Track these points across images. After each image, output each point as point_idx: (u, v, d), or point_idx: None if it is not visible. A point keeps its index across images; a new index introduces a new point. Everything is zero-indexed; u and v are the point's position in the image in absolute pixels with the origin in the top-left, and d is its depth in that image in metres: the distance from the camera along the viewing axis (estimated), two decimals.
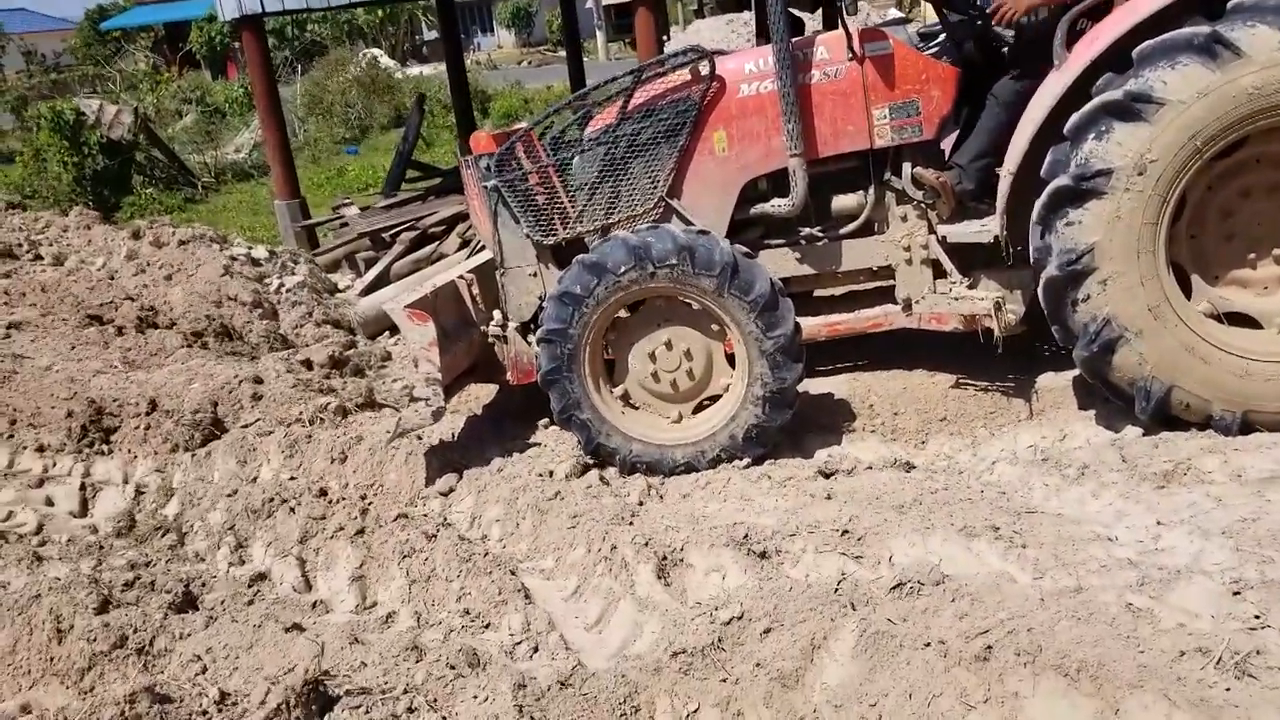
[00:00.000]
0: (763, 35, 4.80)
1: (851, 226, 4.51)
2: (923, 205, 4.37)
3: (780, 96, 4.19)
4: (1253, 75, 3.32)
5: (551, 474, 4.14)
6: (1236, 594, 2.52)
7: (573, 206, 4.49)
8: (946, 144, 4.46)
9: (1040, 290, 3.79)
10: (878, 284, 4.64)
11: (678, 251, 3.97)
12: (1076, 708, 2.19)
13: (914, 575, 2.79)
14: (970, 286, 4.32)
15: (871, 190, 4.45)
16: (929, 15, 30.33)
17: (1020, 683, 2.26)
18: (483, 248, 5.12)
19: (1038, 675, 2.25)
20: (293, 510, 3.95)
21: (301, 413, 4.84)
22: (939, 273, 4.42)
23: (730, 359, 4.20)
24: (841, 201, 4.53)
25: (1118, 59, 3.56)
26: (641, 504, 3.94)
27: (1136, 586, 2.65)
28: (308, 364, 5.64)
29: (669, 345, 4.20)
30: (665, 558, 3.33)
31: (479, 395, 5.27)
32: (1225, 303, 3.76)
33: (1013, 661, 2.29)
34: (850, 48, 4.24)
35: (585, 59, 34.27)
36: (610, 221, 4.46)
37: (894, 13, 24.10)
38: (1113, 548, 2.94)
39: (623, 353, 4.28)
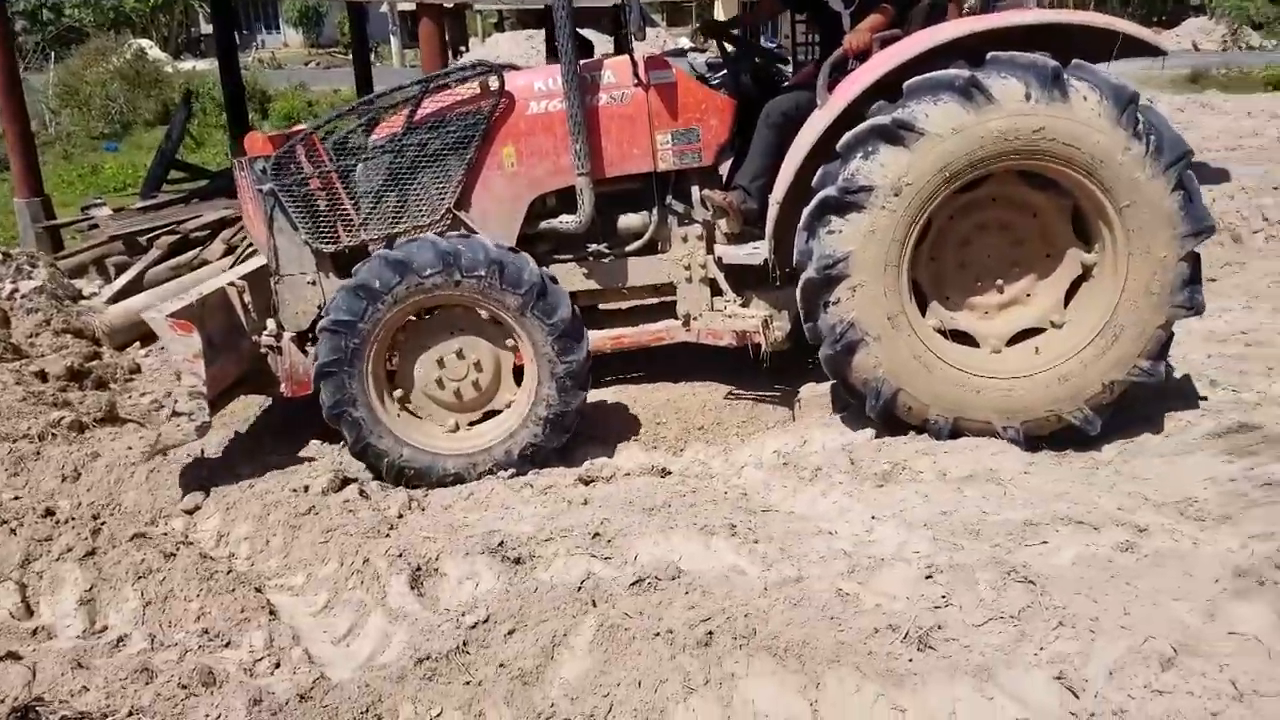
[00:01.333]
0: (553, 55, 4.89)
1: (635, 245, 4.68)
2: (702, 226, 4.62)
3: (568, 116, 4.30)
4: (1000, 120, 3.70)
5: (307, 489, 4.03)
6: (928, 577, 2.83)
7: (356, 214, 4.39)
8: (723, 168, 4.65)
9: (799, 291, 4.04)
10: (659, 300, 4.83)
11: (488, 264, 3.99)
12: (784, 684, 2.40)
13: (652, 571, 2.95)
14: (743, 305, 4.61)
15: (655, 211, 4.63)
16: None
17: (736, 664, 2.45)
18: (253, 253, 4.88)
19: (751, 656, 2.45)
20: (13, 532, 3.64)
21: (30, 428, 4.46)
22: (716, 291, 4.67)
23: (518, 375, 4.25)
24: (626, 221, 4.67)
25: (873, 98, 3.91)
26: (401, 516, 3.91)
27: (847, 574, 2.93)
28: (42, 375, 5.20)
29: (459, 354, 4.21)
30: (420, 568, 3.33)
31: (235, 411, 5.04)
32: (952, 321, 4.15)
33: (730, 645, 2.48)
34: (636, 74, 4.41)
35: (379, 64, 33.32)
36: (395, 230, 4.39)
37: (684, 42, 25.08)
38: (833, 540, 3.22)
39: (408, 356, 4.22)
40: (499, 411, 4.31)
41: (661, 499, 3.64)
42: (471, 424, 4.32)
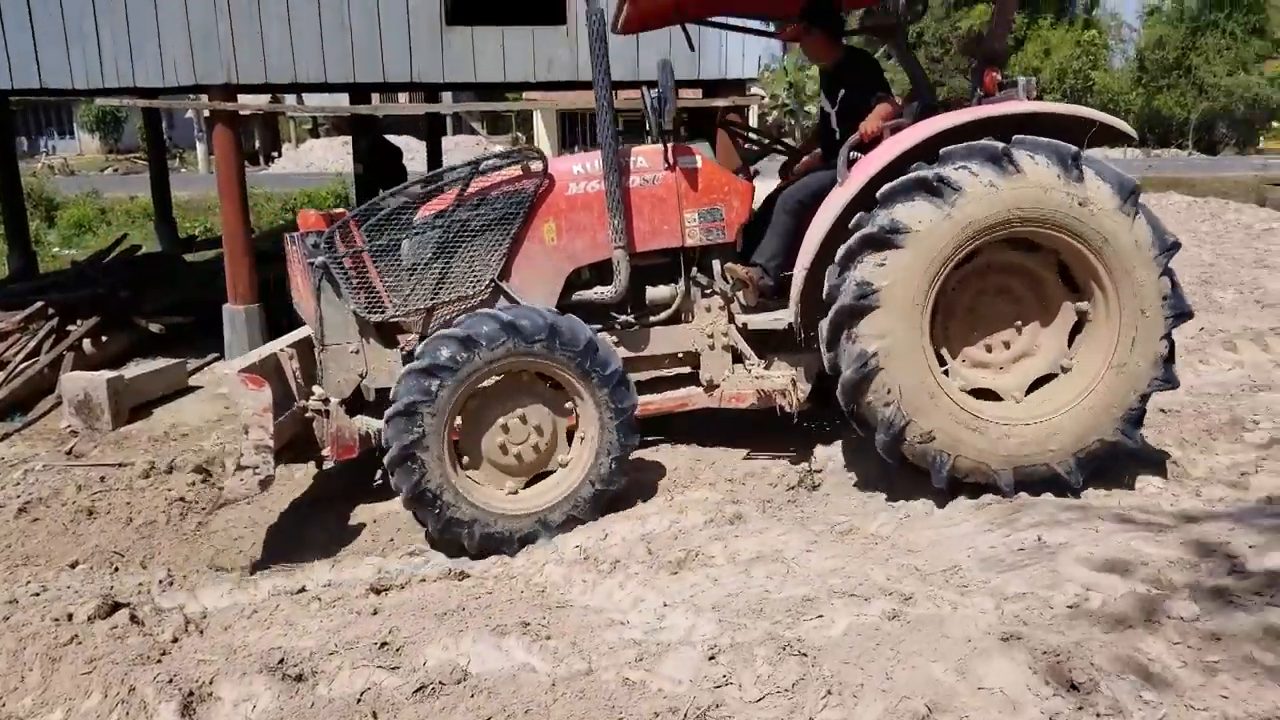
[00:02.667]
0: (358, 159, 5.15)
1: (663, 315, 5.00)
2: (724, 298, 4.97)
3: (607, 195, 4.67)
4: (1024, 190, 4.08)
5: (70, 617, 3.70)
6: (711, 659, 2.89)
7: (405, 285, 4.62)
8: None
9: (826, 322, 4.26)
10: (680, 369, 5.11)
11: (546, 329, 4.27)
12: None
13: (437, 677, 2.87)
14: (766, 369, 4.93)
15: (681, 283, 4.98)
16: (541, 142, 32.18)
17: None
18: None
19: None
20: None
21: None
22: (736, 358, 5.01)
23: (570, 437, 4.50)
24: (655, 293, 4.99)
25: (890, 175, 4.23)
26: (176, 640, 3.65)
27: (635, 662, 2.95)
28: None
29: (523, 419, 4.43)
30: (192, 693, 3.10)
31: None
32: (975, 381, 4.44)
33: None
34: (666, 159, 4.83)
35: (183, 170, 32.21)
36: (441, 299, 4.64)
37: (498, 149, 25.65)
38: (624, 630, 3.25)
39: (469, 427, 4.40)
40: (551, 472, 4.55)
41: (456, 602, 3.58)
42: (526, 485, 4.53)
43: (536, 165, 4.72)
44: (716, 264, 4.97)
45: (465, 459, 4.41)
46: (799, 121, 35.28)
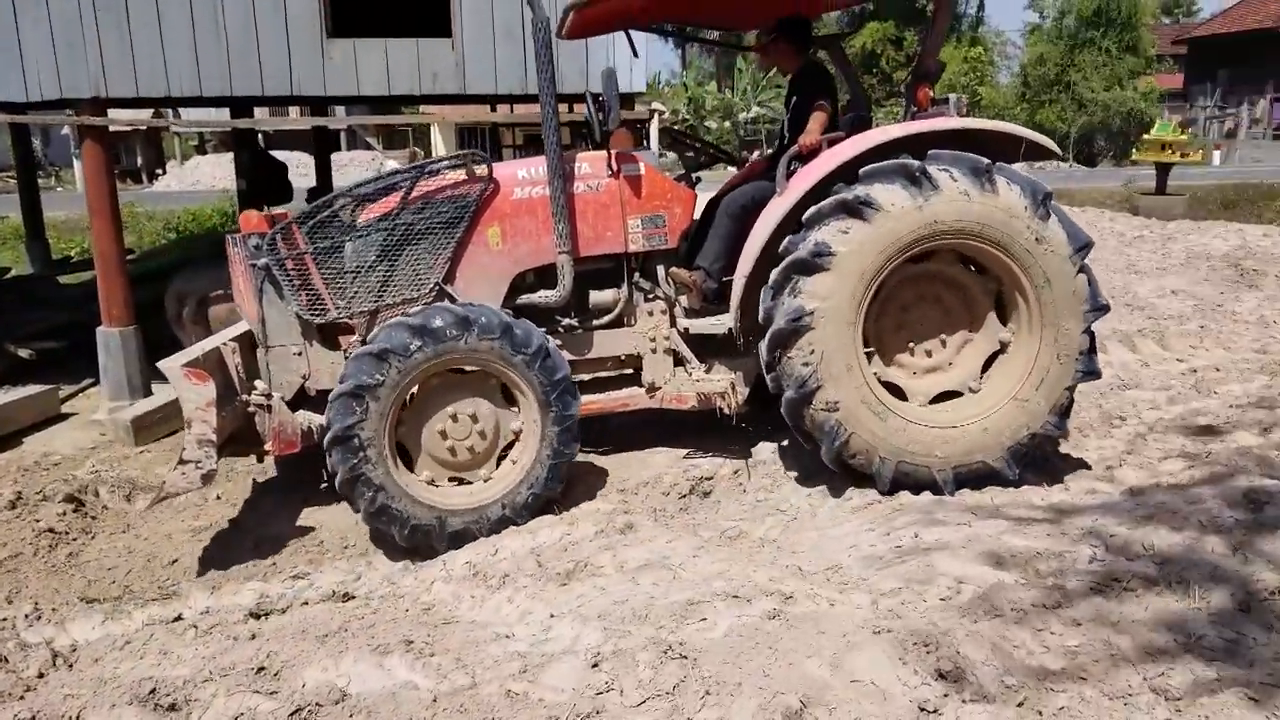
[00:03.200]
0: (240, 175, 5.14)
1: (606, 319, 5.06)
2: (667, 302, 5.05)
3: (552, 201, 4.72)
4: (941, 205, 4.25)
5: None
6: (594, 666, 2.90)
7: (348, 287, 4.64)
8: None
9: (764, 343, 4.39)
10: (622, 372, 5.18)
11: (500, 328, 4.35)
12: None
13: (314, 699, 2.80)
14: (706, 372, 5.03)
15: (624, 288, 5.04)
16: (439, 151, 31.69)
17: None
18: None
19: None
20: None
21: None
22: (678, 361, 5.09)
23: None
24: (598, 297, 5.05)
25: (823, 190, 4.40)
26: (42, 676, 3.48)
27: (519, 674, 2.93)
28: None
29: (466, 416, 4.49)
30: None
31: None
32: (885, 375, 4.57)
33: None
34: (610, 166, 4.90)
35: (60, 189, 30.77)
36: (385, 302, 4.66)
37: (392, 164, 25.29)
38: (509, 644, 3.23)
39: (412, 420, 4.45)
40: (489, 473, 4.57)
41: (338, 624, 3.50)
42: (465, 481, 4.57)
43: (481, 170, 4.77)
44: (660, 269, 5.05)
45: (403, 449, 4.43)
46: (701, 135, 35.88)
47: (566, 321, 5.01)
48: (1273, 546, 3.27)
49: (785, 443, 5.27)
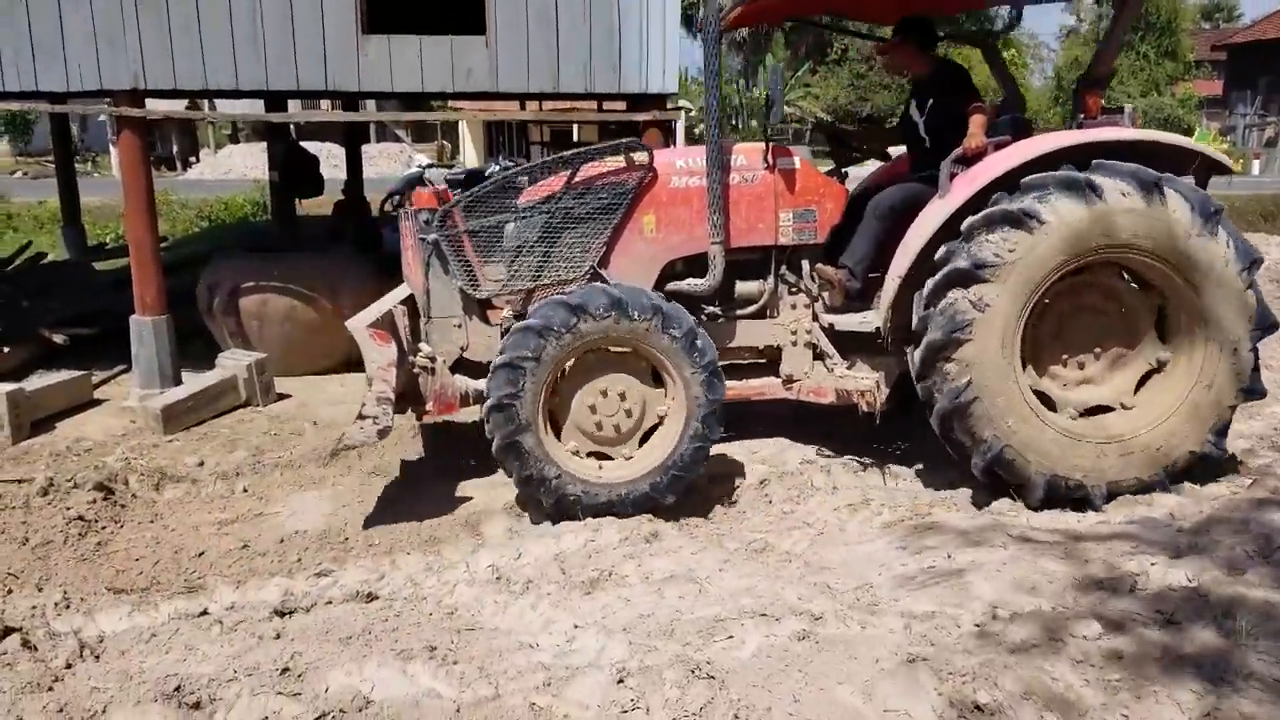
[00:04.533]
0: (273, 167, 5.20)
1: (750, 310, 5.13)
2: (810, 296, 5.10)
3: (709, 192, 4.77)
4: (1109, 218, 4.20)
5: None
6: (620, 682, 2.86)
7: (511, 265, 4.84)
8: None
9: (918, 353, 4.39)
10: (757, 361, 5.28)
11: (651, 309, 4.41)
12: None
13: (338, 705, 2.78)
14: (849, 368, 5.01)
15: (769, 280, 5.09)
16: (469, 160, 32.06)
17: None
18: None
19: None
20: None
21: None
22: (816, 355, 5.14)
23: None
24: (744, 287, 5.12)
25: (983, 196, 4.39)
26: (70, 667, 3.47)
27: (543, 687, 2.90)
28: None
29: (614, 393, 4.57)
30: None
31: None
32: (1037, 384, 4.53)
33: None
34: (766, 159, 4.98)
35: (96, 175, 31.14)
36: (541, 283, 4.85)
37: (422, 159, 25.37)
38: (533, 654, 3.19)
39: (564, 394, 4.58)
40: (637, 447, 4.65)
41: (361, 626, 3.48)
42: (606, 456, 4.65)
43: (642, 158, 4.86)
44: (805, 263, 5.11)
45: (555, 421, 4.58)
46: (725, 133, 35.68)
47: (711, 310, 5.07)
48: None
49: (813, 454, 5.21)
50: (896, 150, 5.73)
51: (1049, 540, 3.92)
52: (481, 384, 4.62)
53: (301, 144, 11.92)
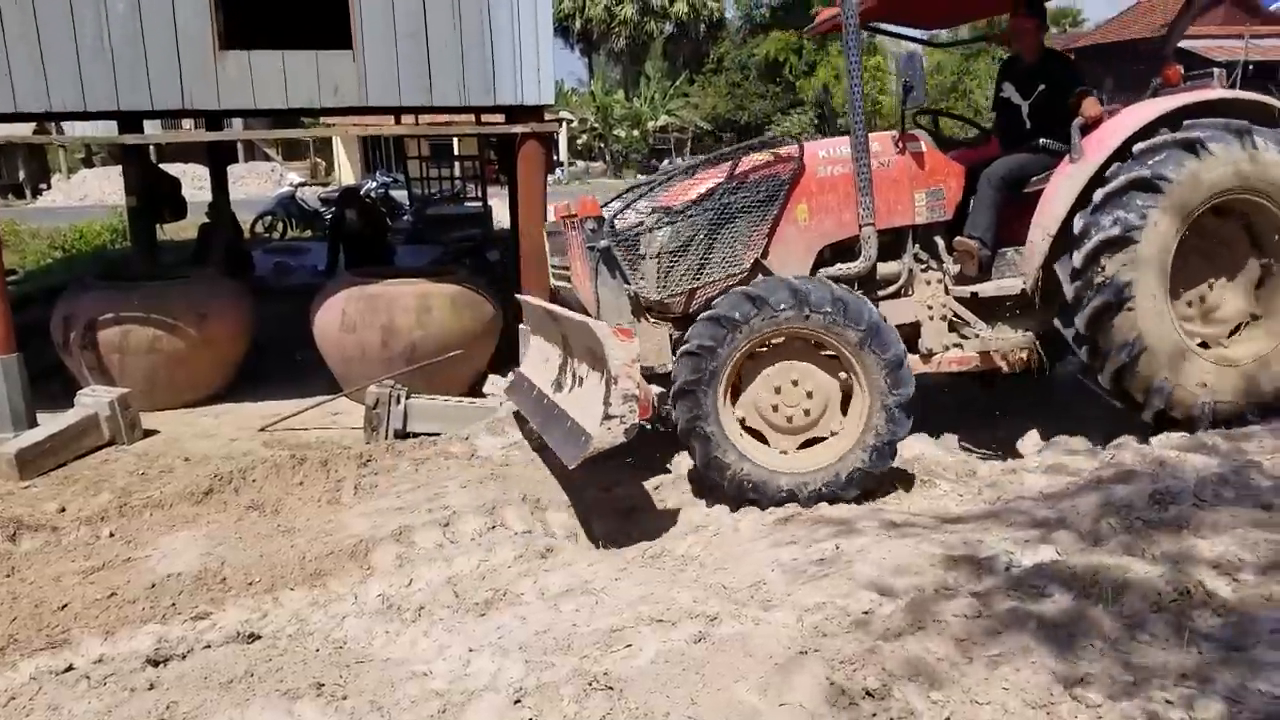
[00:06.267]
0: (130, 193, 4.98)
1: (891, 289, 5.27)
2: (941, 271, 5.31)
3: (857, 177, 4.98)
4: (1223, 169, 4.84)
5: None
6: (517, 702, 2.80)
7: (680, 265, 4.91)
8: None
9: (1085, 317, 4.89)
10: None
11: (833, 302, 4.50)
12: None
13: None
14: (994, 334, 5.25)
15: (907, 259, 5.28)
16: (344, 178, 31.27)
17: None
18: None
19: None
20: None
21: None
22: (951, 328, 5.30)
23: (844, 405, 4.70)
24: (885, 268, 5.26)
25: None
26: None
27: (438, 715, 2.82)
28: None
29: (795, 383, 4.66)
30: None
31: None
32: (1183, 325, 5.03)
33: None
34: (897, 144, 5.20)
35: None
36: (713, 278, 4.94)
37: (295, 178, 24.67)
38: (427, 682, 3.10)
39: (747, 383, 4.67)
40: (821, 438, 4.72)
41: (243, 668, 3.32)
42: (799, 448, 4.73)
43: (791, 150, 5.09)
44: (938, 240, 5.33)
45: (740, 413, 4.66)
46: (608, 144, 35.86)
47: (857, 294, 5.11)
48: (1178, 547, 3.36)
49: None
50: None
51: (929, 525, 4.05)
52: (656, 389, 4.63)
53: (162, 166, 11.41)
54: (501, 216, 12.98)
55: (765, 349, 4.67)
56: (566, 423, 4.55)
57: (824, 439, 4.74)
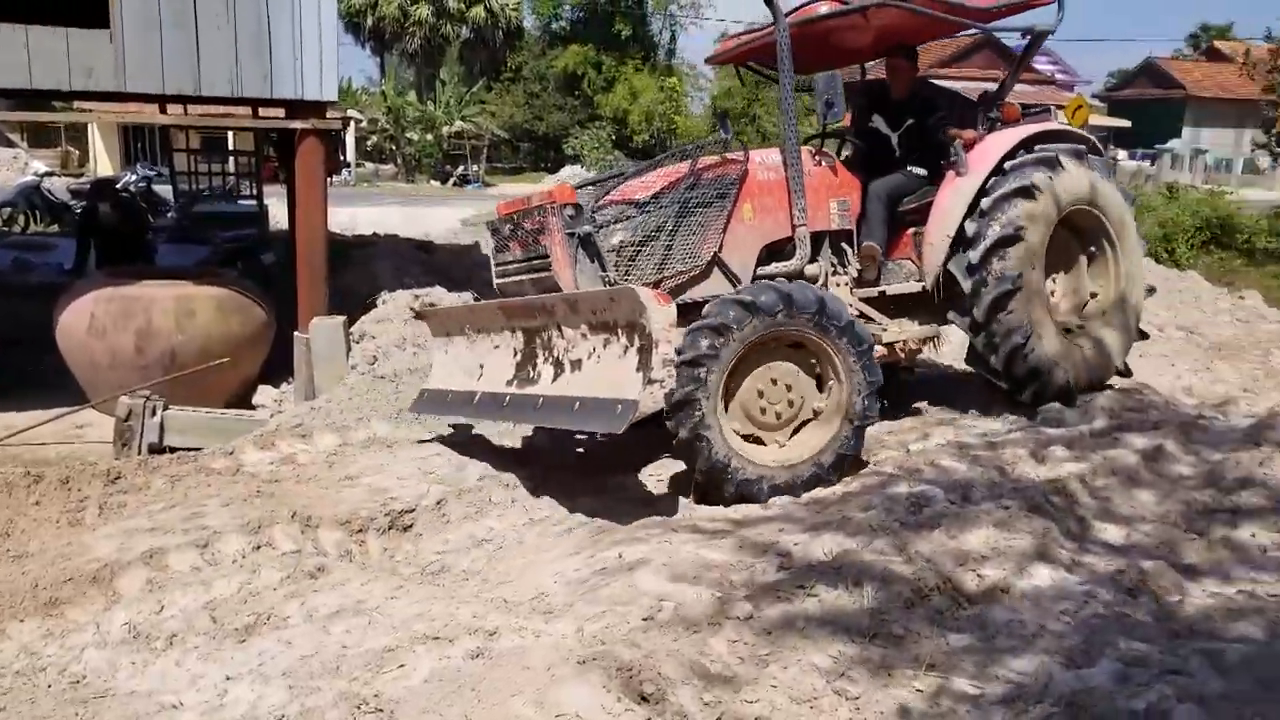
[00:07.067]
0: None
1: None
2: (845, 273, 5.81)
3: (790, 182, 5.44)
4: (1071, 180, 5.86)
5: None
6: None
7: (654, 254, 5.16)
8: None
9: (983, 306, 5.61)
10: None
11: (816, 302, 4.74)
12: None
13: None
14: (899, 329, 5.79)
15: (824, 260, 5.72)
16: (101, 168, 28.52)
17: None
18: None
19: None
20: None
21: None
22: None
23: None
24: (809, 269, 5.61)
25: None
26: None
27: None
28: None
29: (775, 382, 4.86)
30: None
31: None
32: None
33: None
34: (815, 157, 5.81)
35: None
36: (677, 269, 5.23)
37: (41, 166, 22.44)
38: (177, 714, 2.86)
39: (733, 386, 4.77)
40: (807, 422, 4.97)
41: None
42: (771, 444, 4.92)
43: (738, 154, 5.47)
44: (844, 245, 5.85)
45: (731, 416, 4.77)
46: (400, 147, 34.80)
47: None
48: (931, 545, 3.62)
49: (489, 469, 5.16)
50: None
51: (711, 530, 4.15)
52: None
53: None
54: (280, 217, 12.27)
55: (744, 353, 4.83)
56: (575, 403, 4.47)
57: (809, 422, 5.00)
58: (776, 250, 5.57)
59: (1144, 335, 6.51)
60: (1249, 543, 3.80)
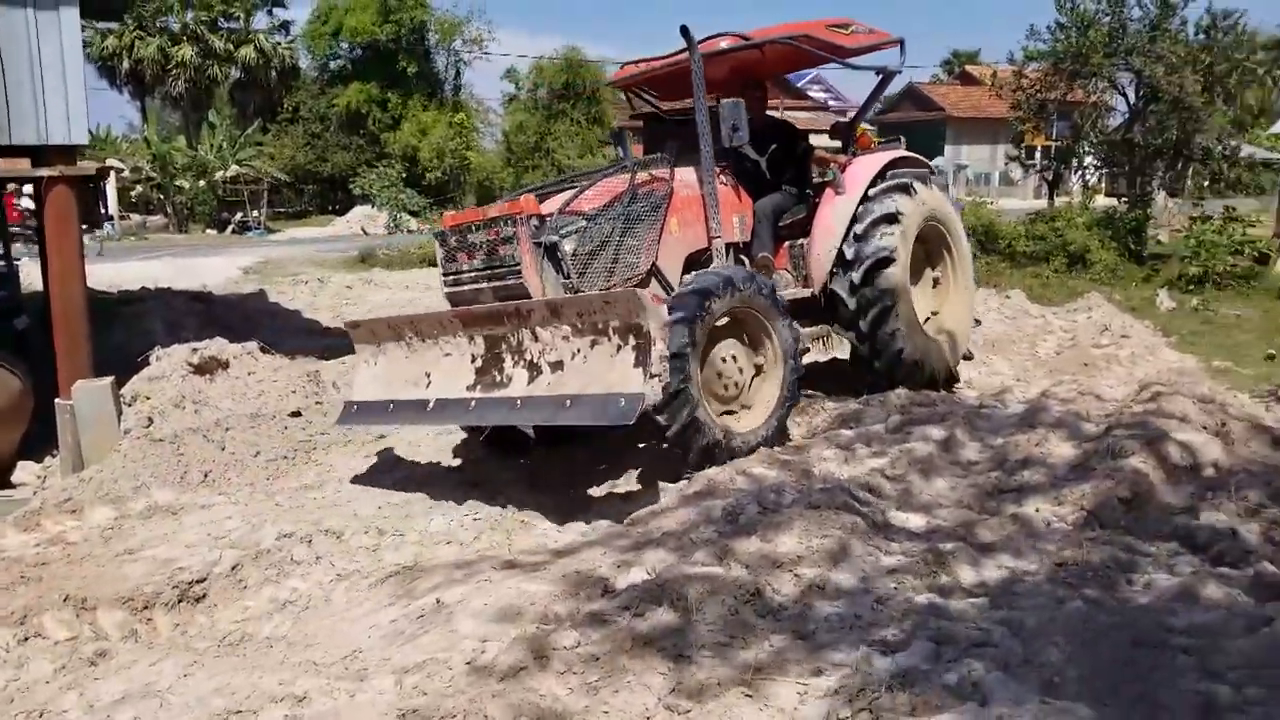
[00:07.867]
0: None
1: None
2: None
3: (706, 197, 6.10)
4: (928, 202, 6.98)
5: None
6: None
7: (610, 262, 5.65)
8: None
9: (860, 273, 6.45)
10: None
11: (748, 277, 5.48)
12: None
13: None
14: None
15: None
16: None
17: None
18: None
19: None
20: None
21: None
22: None
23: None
24: None
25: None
26: None
27: None
28: None
29: (731, 358, 5.49)
30: None
31: None
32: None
33: None
34: (721, 177, 6.34)
35: None
36: (620, 279, 5.66)
37: None
38: None
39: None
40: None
41: None
42: (739, 410, 5.59)
43: (666, 170, 6.01)
44: (743, 256, 6.50)
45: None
46: (169, 196, 32.52)
47: None
48: (748, 551, 3.66)
49: (287, 525, 4.83)
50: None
51: (531, 562, 4.04)
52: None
53: None
54: (34, 278, 11.16)
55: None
56: (567, 400, 4.72)
57: (758, 379, 5.62)
58: (693, 261, 6.16)
59: (977, 322, 7.72)
60: (1034, 517, 4.09)
